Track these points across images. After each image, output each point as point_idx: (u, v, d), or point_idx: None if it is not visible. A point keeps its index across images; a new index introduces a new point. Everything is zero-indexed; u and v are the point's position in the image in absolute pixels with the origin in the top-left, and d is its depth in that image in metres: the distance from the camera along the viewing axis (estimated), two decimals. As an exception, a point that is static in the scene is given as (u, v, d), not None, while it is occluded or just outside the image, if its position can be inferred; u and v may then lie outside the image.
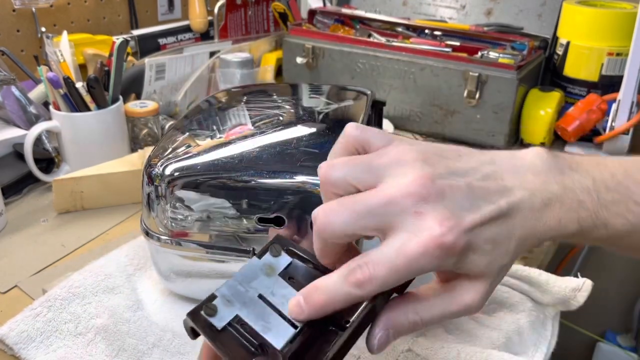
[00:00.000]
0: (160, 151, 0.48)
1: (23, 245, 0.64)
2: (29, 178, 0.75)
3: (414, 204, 0.29)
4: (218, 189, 0.45)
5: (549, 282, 0.52)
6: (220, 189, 0.45)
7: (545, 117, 0.89)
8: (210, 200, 0.45)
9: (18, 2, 0.92)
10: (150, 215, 0.48)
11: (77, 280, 0.52)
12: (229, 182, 0.44)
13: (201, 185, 0.45)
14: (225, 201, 0.45)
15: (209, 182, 0.45)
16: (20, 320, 0.48)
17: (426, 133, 0.96)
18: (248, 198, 0.44)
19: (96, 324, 0.49)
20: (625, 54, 0.84)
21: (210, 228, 0.46)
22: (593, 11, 0.89)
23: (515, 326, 0.49)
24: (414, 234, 0.29)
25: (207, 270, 0.49)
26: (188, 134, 0.50)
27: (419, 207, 0.29)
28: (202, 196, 0.45)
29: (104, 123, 0.76)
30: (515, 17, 1.06)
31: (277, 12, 1.16)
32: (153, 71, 0.91)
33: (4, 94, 0.81)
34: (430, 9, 1.14)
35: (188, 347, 0.47)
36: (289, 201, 0.43)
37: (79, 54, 0.94)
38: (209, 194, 0.45)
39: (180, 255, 0.48)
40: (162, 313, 0.51)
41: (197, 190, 0.45)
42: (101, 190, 0.70)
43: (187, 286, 0.51)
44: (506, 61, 0.87)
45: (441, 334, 0.49)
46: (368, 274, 0.29)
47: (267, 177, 0.44)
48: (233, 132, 0.49)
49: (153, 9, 1.17)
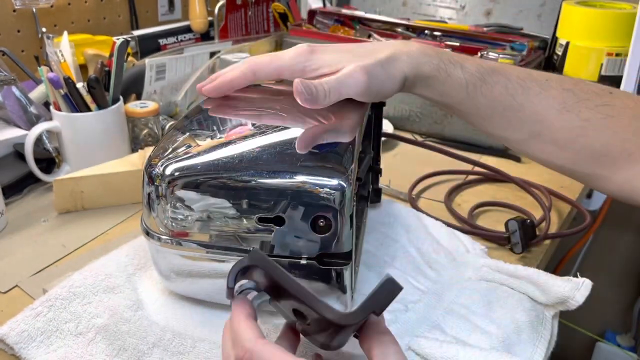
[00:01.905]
0: (160, 151, 0.48)
1: (23, 245, 0.64)
2: (30, 178, 0.75)
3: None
4: (218, 189, 0.45)
5: (548, 282, 0.52)
6: (220, 188, 0.45)
7: (545, 117, 0.89)
8: (211, 200, 0.45)
9: (18, 3, 0.92)
10: (150, 215, 0.48)
11: (77, 280, 0.52)
12: (229, 182, 0.44)
13: (201, 185, 0.45)
14: (225, 201, 0.45)
15: (209, 182, 0.45)
16: (21, 320, 0.48)
17: (426, 133, 0.96)
18: (248, 198, 0.44)
19: (96, 324, 0.49)
20: (625, 54, 0.84)
21: (211, 228, 0.46)
22: (592, 11, 0.89)
23: (514, 326, 0.49)
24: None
25: (207, 270, 0.49)
26: (188, 134, 0.50)
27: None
28: (202, 196, 0.45)
29: (105, 123, 0.76)
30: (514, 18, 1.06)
31: (277, 13, 1.17)
32: (153, 71, 0.91)
33: (4, 94, 0.81)
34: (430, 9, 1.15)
35: (188, 347, 0.47)
36: (289, 201, 0.44)
37: (80, 54, 0.94)
38: (209, 193, 0.45)
39: (180, 254, 0.48)
40: (163, 313, 0.51)
41: (197, 190, 0.45)
42: (101, 190, 0.70)
43: (187, 286, 0.51)
44: (506, 61, 0.87)
45: (440, 334, 0.49)
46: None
47: (267, 177, 0.44)
48: (233, 132, 0.49)
49: (153, 9, 1.17)
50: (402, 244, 0.60)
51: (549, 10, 1.02)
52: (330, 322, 0.34)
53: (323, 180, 0.43)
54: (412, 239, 0.60)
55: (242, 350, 0.35)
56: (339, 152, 0.46)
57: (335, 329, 0.35)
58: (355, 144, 0.47)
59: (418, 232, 0.61)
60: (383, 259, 0.58)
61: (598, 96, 0.52)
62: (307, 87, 0.46)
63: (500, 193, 0.77)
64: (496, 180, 0.80)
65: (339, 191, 0.43)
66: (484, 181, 0.81)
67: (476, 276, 0.56)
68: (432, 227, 0.63)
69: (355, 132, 0.49)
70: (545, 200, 0.74)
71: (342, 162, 0.45)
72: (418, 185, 0.79)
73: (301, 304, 0.35)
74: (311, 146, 0.46)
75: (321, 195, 0.43)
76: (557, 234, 0.68)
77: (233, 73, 0.53)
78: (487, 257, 0.59)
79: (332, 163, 0.44)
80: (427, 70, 0.52)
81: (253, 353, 0.35)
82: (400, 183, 0.78)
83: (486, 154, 0.90)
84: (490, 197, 0.76)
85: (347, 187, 0.43)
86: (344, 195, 0.43)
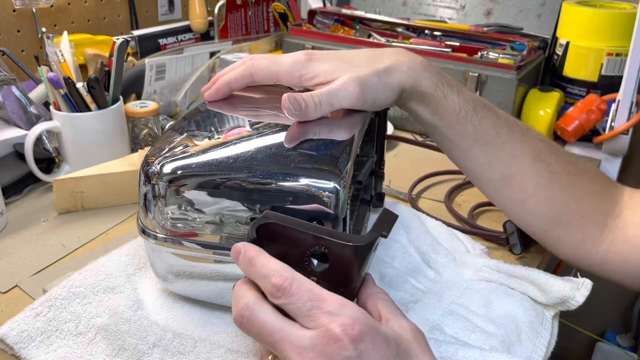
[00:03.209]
0: (157, 150, 0.48)
1: (23, 245, 0.64)
2: (30, 178, 0.75)
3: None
4: (213, 189, 0.45)
5: (548, 282, 0.52)
6: (215, 188, 0.45)
7: (545, 117, 0.89)
8: (208, 199, 0.45)
9: (18, 3, 0.92)
10: (146, 213, 0.48)
11: (77, 279, 0.52)
12: (224, 182, 0.44)
13: (198, 185, 0.45)
14: (220, 201, 0.45)
15: (206, 181, 0.45)
16: (21, 320, 0.48)
17: (426, 133, 0.96)
18: (242, 198, 0.44)
19: (96, 324, 0.49)
20: (625, 54, 0.84)
21: (206, 227, 0.46)
22: (592, 11, 0.89)
23: (514, 326, 0.49)
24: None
25: (203, 269, 0.49)
26: (186, 134, 0.50)
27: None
28: (198, 195, 0.45)
29: (105, 123, 0.76)
30: (515, 18, 1.06)
31: (277, 13, 1.17)
32: (153, 71, 0.91)
33: (4, 94, 0.81)
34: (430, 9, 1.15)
35: (188, 347, 0.47)
36: (283, 202, 0.43)
37: (80, 54, 0.94)
38: (205, 193, 0.45)
39: (176, 253, 0.48)
40: (163, 313, 0.51)
41: (194, 189, 0.45)
42: (101, 190, 0.70)
43: (184, 285, 0.51)
44: (506, 61, 0.87)
45: (440, 334, 0.49)
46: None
47: (262, 178, 0.44)
48: (231, 132, 0.49)
49: (153, 9, 1.17)
50: (402, 244, 0.60)
51: (549, 10, 1.02)
52: (346, 255, 0.38)
53: (317, 182, 0.43)
54: (412, 239, 0.60)
55: (281, 279, 0.37)
56: (335, 154, 0.45)
57: (347, 274, 0.39)
58: (352, 146, 0.47)
59: (418, 232, 0.61)
60: (383, 259, 0.58)
61: (566, 155, 0.55)
62: (294, 102, 0.46)
63: (500, 193, 0.77)
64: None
65: (334, 194, 0.42)
66: (484, 181, 0.81)
67: (476, 276, 0.56)
68: (432, 227, 0.63)
69: (353, 130, 0.48)
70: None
71: (337, 164, 0.44)
72: (418, 185, 0.79)
73: (320, 242, 0.38)
74: (299, 140, 0.46)
75: (315, 198, 0.43)
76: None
77: (231, 75, 0.53)
78: (487, 257, 0.59)
79: (328, 165, 0.44)
80: (425, 86, 0.52)
81: (294, 280, 0.37)
82: (400, 183, 0.78)
83: (486, 154, 0.90)
84: (490, 197, 0.76)
85: (342, 190, 0.42)
86: (338, 197, 0.42)
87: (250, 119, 0.51)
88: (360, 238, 0.39)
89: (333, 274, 0.39)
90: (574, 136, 0.89)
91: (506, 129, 0.53)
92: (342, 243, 0.38)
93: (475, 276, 0.56)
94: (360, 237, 0.39)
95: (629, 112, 0.84)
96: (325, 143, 0.47)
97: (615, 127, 0.85)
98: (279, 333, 0.36)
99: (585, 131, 0.88)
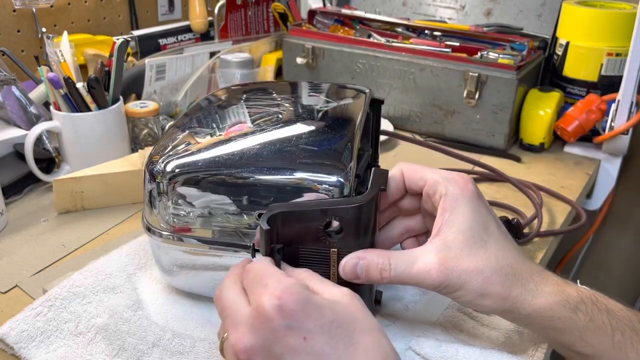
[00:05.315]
0: (161, 149, 0.48)
1: (23, 245, 0.64)
2: (30, 178, 0.75)
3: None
4: (218, 185, 0.45)
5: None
6: (220, 185, 0.45)
7: (545, 117, 0.89)
8: (211, 196, 0.45)
9: (18, 3, 0.92)
10: (151, 211, 0.48)
11: (77, 279, 0.53)
12: (229, 179, 0.45)
13: (202, 182, 0.45)
14: (225, 197, 0.45)
15: (210, 178, 0.45)
16: (21, 320, 0.48)
17: (426, 133, 0.96)
18: (248, 194, 0.45)
19: (96, 324, 0.49)
20: (625, 54, 0.84)
21: (212, 224, 0.47)
22: (592, 11, 0.89)
23: (514, 325, 0.49)
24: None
25: (209, 265, 0.49)
26: (188, 131, 0.50)
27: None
28: (203, 192, 0.46)
29: (105, 123, 0.76)
30: (515, 18, 1.06)
31: (277, 13, 1.16)
32: (153, 71, 0.91)
33: (4, 94, 0.81)
34: (430, 9, 1.15)
35: (187, 347, 0.47)
36: (288, 197, 0.44)
37: (80, 54, 0.94)
38: (209, 190, 0.45)
39: (181, 250, 0.49)
40: (162, 313, 0.51)
41: (198, 187, 0.45)
42: (101, 190, 0.70)
43: (189, 281, 0.51)
44: (506, 61, 0.87)
45: (440, 333, 0.49)
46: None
47: (267, 174, 0.44)
48: (233, 129, 0.49)
49: (153, 9, 1.17)
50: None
51: (549, 10, 1.02)
52: (354, 216, 0.42)
53: (322, 177, 0.44)
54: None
55: (247, 260, 0.40)
56: (338, 149, 0.46)
57: (361, 234, 0.43)
58: (354, 141, 0.47)
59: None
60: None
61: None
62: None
63: (500, 193, 0.77)
64: (496, 180, 0.80)
65: (338, 188, 0.43)
66: (484, 181, 0.81)
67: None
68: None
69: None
70: (537, 198, 0.74)
71: (341, 159, 0.45)
72: (418, 185, 0.79)
73: (327, 214, 0.42)
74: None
75: (320, 192, 0.43)
76: (548, 232, 0.68)
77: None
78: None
79: (331, 160, 0.45)
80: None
81: (256, 261, 0.39)
82: (400, 183, 0.78)
83: (486, 154, 0.90)
84: (490, 197, 0.76)
85: (346, 184, 0.43)
86: (342, 192, 0.43)
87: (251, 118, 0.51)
88: (362, 197, 0.42)
89: (349, 239, 0.42)
90: (574, 136, 0.89)
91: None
92: (347, 207, 0.41)
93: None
94: (361, 197, 0.42)
95: (628, 112, 0.84)
96: (328, 138, 0.47)
97: (615, 127, 0.85)
98: (228, 309, 0.38)
99: (585, 131, 0.88)
